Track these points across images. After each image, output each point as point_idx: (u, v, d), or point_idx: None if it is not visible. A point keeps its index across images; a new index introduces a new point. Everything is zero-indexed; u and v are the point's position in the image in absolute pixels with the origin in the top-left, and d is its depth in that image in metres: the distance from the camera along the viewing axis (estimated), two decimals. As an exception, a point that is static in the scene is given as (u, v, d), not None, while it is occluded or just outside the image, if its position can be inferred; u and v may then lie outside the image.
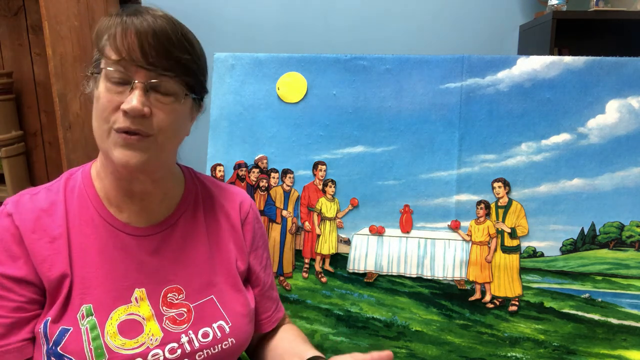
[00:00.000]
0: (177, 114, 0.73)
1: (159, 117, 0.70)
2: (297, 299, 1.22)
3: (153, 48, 0.68)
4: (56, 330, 0.70)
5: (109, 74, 0.69)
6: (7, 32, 1.96)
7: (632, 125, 1.10)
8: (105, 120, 0.69)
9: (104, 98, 0.69)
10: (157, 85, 0.69)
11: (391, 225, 1.19)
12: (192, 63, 0.73)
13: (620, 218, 1.10)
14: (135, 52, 0.67)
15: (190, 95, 0.74)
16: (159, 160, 0.74)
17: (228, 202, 0.88)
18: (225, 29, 2.28)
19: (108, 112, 0.69)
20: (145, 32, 0.68)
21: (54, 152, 2.06)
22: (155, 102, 0.70)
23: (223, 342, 0.78)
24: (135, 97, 0.67)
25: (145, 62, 0.68)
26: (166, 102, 0.71)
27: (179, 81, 0.71)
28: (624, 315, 1.09)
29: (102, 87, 0.69)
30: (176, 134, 0.75)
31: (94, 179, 0.79)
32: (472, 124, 1.15)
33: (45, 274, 0.71)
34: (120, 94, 0.68)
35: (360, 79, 1.20)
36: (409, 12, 2.24)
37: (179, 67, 0.70)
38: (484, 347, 1.14)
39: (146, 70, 0.68)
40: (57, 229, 0.73)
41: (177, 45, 0.70)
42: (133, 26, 0.68)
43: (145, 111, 0.68)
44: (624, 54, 1.11)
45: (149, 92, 0.69)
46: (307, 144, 1.22)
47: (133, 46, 0.67)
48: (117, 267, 0.75)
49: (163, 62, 0.69)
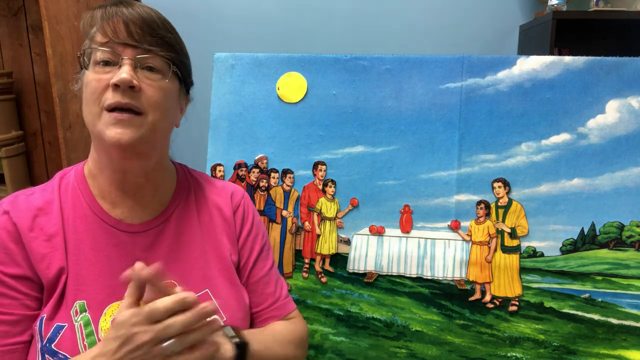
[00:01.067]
0: (166, 91, 0.75)
1: (148, 93, 0.72)
2: (297, 299, 1.22)
3: (138, 27, 0.72)
4: (51, 328, 0.70)
5: (97, 57, 0.71)
6: (7, 32, 1.96)
7: (632, 125, 1.10)
8: (95, 102, 0.71)
9: (93, 79, 0.71)
10: (144, 61, 0.72)
11: (391, 225, 1.19)
12: (175, 42, 0.76)
13: (620, 218, 1.10)
14: (122, 32, 0.71)
15: (176, 72, 0.76)
16: (150, 142, 0.75)
17: (220, 197, 0.89)
18: (225, 29, 2.28)
19: (98, 92, 0.70)
20: (131, 15, 0.72)
21: (54, 152, 2.06)
22: (144, 78, 0.72)
23: None
24: (124, 71, 0.69)
25: (131, 40, 0.71)
26: (154, 78, 0.73)
27: (164, 57, 0.74)
28: (624, 315, 1.09)
29: (91, 72, 0.72)
30: (166, 113, 0.76)
31: (87, 177, 0.79)
32: (472, 124, 1.15)
33: (44, 271, 0.71)
34: (109, 73, 0.71)
35: (360, 79, 1.20)
36: (409, 12, 2.24)
37: (163, 44, 0.74)
38: (484, 347, 1.14)
39: (132, 48, 0.71)
40: (53, 227, 0.74)
41: (160, 26, 0.74)
42: (119, 12, 0.72)
43: (134, 82, 0.70)
44: (624, 54, 1.11)
45: (137, 70, 0.72)
46: (307, 144, 1.22)
47: (119, 27, 0.71)
48: (111, 264, 0.75)
49: (148, 38, 0.72)
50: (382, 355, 1.18)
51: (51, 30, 1.70)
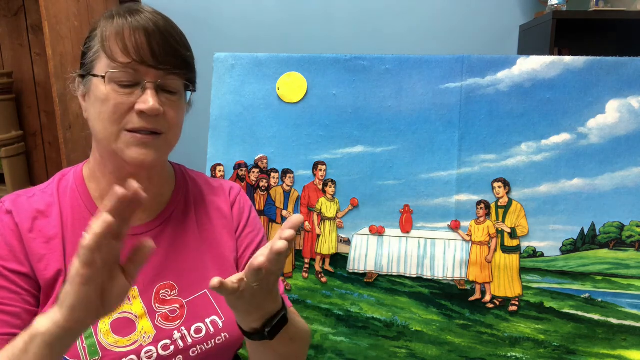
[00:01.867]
0: (182, 110, 0.77)
1: (170, 115, 0.73)
2: (297, 299, 1.22)
3: (161, 47, 0.70)
4: None
5: (116, 76, 0.69)
6: (7, 32, 1.96)
7: (632, 125, 1.10)
8: (115, 122, 0.70)
9: (113, 100, 0.69)
10: (165, 84, 0.72)
11: (391, 225, 1.19)
12: (192, 59, 0.76)
13: (620, 218, 1.10)
14: (145, 52, 0.69)
15: (191, 91, 0.77)
16: (165, 157, 0.77)
17: (218, 196, 0.88)
18: (225, 29, 2.28)
19: (120, 114, 0.70)
20: (153, 31, 0.69)
21: (54, 152, 2.06)
22: (165, 100, 0.72)
23: (216, 338, 0.78)
24: (151, 98, 0.69)
25: (154, 62, 0.69)
26: (174, 99, 0.73)
27: (183, 78, 0.74)
28: (624, 315, 1.09)
29: (109, 90, 0.70)
30: (181, 129, 0.78)
31: (87, 179, 0.79)
32: (472, 124, 1.15)
33: (42, 272, 0.72)
34: (130, 95, 0.70)
35: (360, 79, 1.20)
36: (409, 12, 2.24)
37: (184, 65, 0.73)
38: (484, 347, 1.14)
39: (155, 70, 0.70)
40: (53, 230, 0.74)
41: (180, 43, 0.73)
42: (140, 27, 0.69)
43: (161, 110, 0.70)
44: (624, 54, 1.11)
45: (159, 92, 0.71)
46: (307, 144, 1.22)
47: (142, 47, 0.69)
48: None
49: (171, 60, 0.71)
50: (382, 355, 1.18)
51: (51, 30, 1.70)
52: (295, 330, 0.74)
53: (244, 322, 0.67)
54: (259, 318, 0.65)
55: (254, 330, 0.67)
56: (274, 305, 0.66)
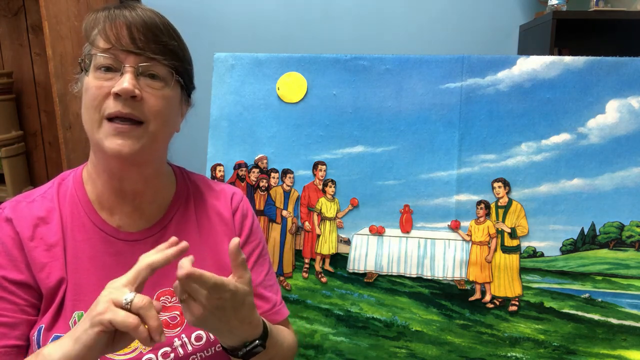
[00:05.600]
0: (168, 100, 0.74)
1: (150, 102, 0.71)
2: (297, 299, 1.22)
3: (142, 34, 0.70)
4: (49, 338, 0.69)
5: (98, 62, 0.70)
6: (7, 32, 1.96)
7: (632, 125, 1.10)
8: (95, 109, 0.70)
9: (94, 86, 0.70)
10: (146, 69, 0.71)
11: (391, 225, 1.19)
12: (179, 50, 0.75)
13: (620, 218, 1.10)
14: (125, 38, 0.69)
15: (179, 80, 0.75)
16: (150, 151, 0.74)
17: (219, 200, 0.87)
18: (225, 29, 2.28)
19: (99, 100, 0.69)
20: (134, 20, 0.70)
21: (54, 152, 2.06)
22: (146, 87, 0.71)
23: (216, 345, 0.77)
24: (126, 80, 0.68)
25: (134, 47, 0.69)
26: (156, 87, 0.72)
27: (168, 65, 0.72)
28: (624, 315, 1.09)
29: (92, 77, 0.70)
30: (167, 122, 0.75)
31: (86, 182, 0.78)
32: (472, 124, 1.15)
33: (44, 281, 0.71)
34: (110, 80, 0.69)
35: (360, 79, 1.20)
36: (409, 12, 2.24)
37: (166, 52, 0.72)
38: (484, 347, 1.14)
39: (135, 55, 0.70)
40: (54, 237, 0.73)
41: (164, 32, 0.72)
42: (122, 16, 0.70)
43: (136, 92, 0.69)
44: (624, 54, 1.11)
45: (139, 77, 0.70)
46: (307, 144, 1.22)
47: (122, 33, 0.69)
48: (109, 274, 0.73)
49: (151, 46, 0.71)
50: (382, 355, 1.18)
51: (51, 30, 1.71)
52: (275, 352, 0.76)
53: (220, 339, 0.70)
54: (235, 342, 0.68)
55: (229, 347, 0.70)
56: (250, 332, 0.68)
